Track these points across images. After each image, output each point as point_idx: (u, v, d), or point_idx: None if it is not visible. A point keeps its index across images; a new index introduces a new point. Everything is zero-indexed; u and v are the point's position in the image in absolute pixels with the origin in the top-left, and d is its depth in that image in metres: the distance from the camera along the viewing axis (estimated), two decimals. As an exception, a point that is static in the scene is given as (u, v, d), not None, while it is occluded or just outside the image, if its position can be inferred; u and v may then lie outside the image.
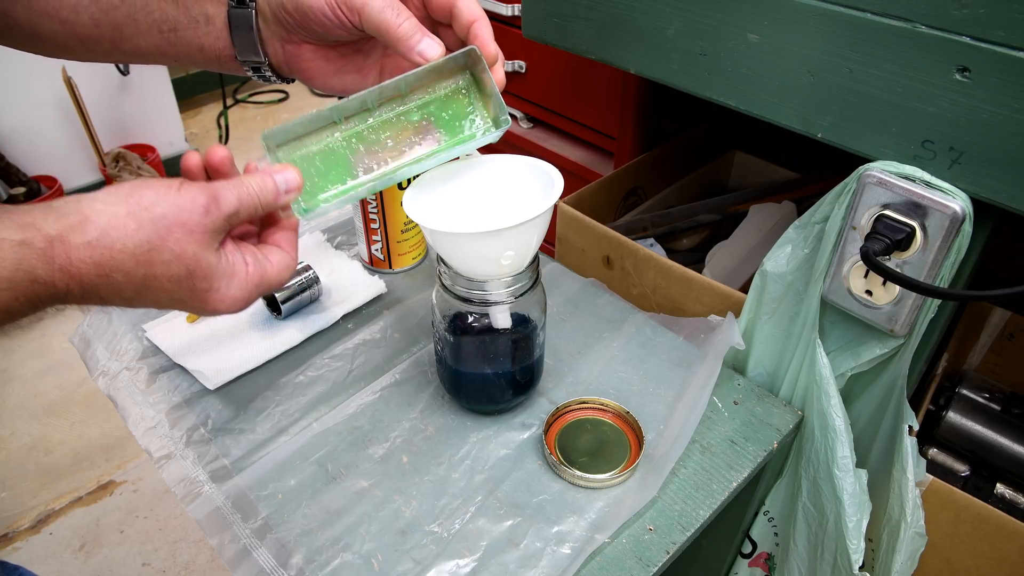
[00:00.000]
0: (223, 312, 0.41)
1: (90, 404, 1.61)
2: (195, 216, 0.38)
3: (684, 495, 0.53)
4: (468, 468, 0.54)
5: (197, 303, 0.40)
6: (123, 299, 0.38)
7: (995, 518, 0.57)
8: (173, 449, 0.57)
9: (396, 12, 0.44)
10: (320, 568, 0.48)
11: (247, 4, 0.47)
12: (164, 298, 0.39)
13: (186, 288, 0.38)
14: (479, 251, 0.47)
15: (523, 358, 0.55)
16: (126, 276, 0.36)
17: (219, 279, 0.39)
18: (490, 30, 0.46)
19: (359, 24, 0.45)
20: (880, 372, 0.58)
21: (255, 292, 0.42)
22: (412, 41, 0.44)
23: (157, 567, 1.30)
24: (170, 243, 0.37)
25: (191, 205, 0.38)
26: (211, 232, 0.38)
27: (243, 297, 0.41)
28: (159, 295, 0.38)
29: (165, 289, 0.38)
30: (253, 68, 0.50)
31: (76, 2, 0.47)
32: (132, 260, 0.36)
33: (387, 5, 0.44)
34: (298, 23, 0.47)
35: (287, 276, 0.44)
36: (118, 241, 0.36)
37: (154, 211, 0.37)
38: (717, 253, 0.92)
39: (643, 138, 0.96)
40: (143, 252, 0.36)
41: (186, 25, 0.48)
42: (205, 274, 0.39)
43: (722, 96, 0.55)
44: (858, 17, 0.45)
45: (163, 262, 0.37)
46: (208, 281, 0.39)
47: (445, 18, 0.47)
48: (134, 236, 0.36)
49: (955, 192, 0.46)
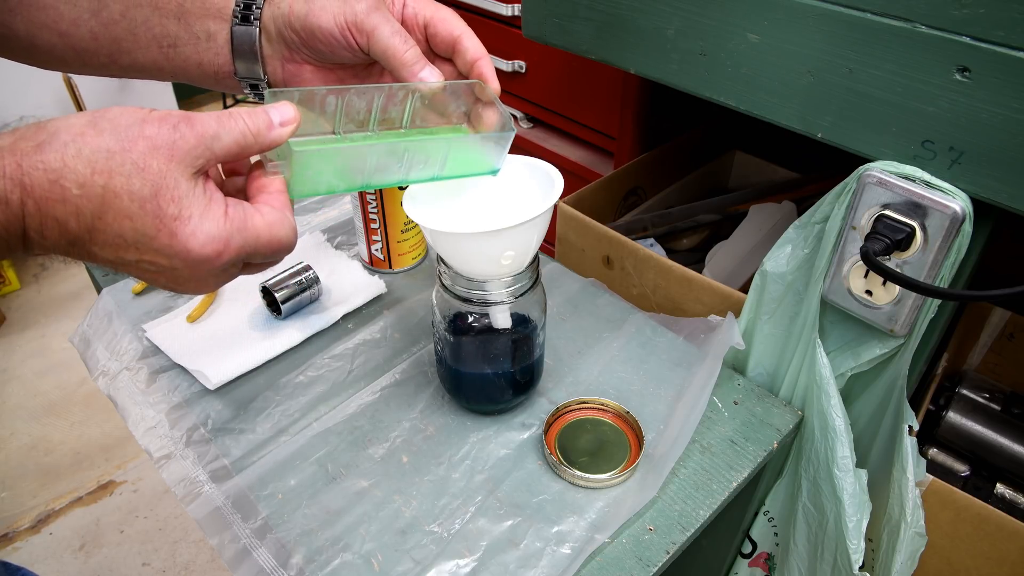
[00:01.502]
0: (196, 255, 0.35)
1: (90, 404, 1.61)
2: (163, 130, 0.34)
3: (684, 495, 0.53)
4: (468, 468, 0.54)
5: (165, 236, 0.34)
6: (83, 226, 0.33)
7: (995, 518, 0.57)
8: (173, 449, 0.57)
9: (403, 39, 0.46)
10: (320, 568, 0.48)
11: (251, 22, 0.47)
12: (128, 228, 0.34)
13: (151, 213, 0.33)
14: (479, 251, 0.47)
15: (523, 358, 0.55)
16: (82, 187, 0.32)
17: (190, 206, 0.35)
18: (493, 68, 0.48)
19: (366, 47, 0.46)
20: (880, 372, 0.58)
21: (237, 237, 0.36)
22: (415, 68, 0.46)
23: (157, 567, 1.30)
24: (133, 154, 0.33)
25: (159, 120, 0.34)
26: (182, 151, 0.34)
27: (221, 237, 0.36)
28: (122, 223, 0.33)
29: (128, 212, 0.33)
30: (251, 86, 0.50)
31: (76, 15, 0.47)
32: (87, 166, 0.32)
33: (396, 32, 0.45)
34: (303, 42, 0.47)
35: (281, 235, 0.38)
36: (71, 144, 0.32)
37: (117, 120, 0.33)
38: (717, 253, 0.92)
39: (643, 138, 0.96)
40: (100, 159, 0.32)
41: (186, 41, 0.48)
42: (174, 196, 0.34)
43: (722, 96, 0.55)
44: (858, 17, 0.45)
45: (123, 173, 0.33)
46: (178, 206, 0.34)
47: (447, 52, 0.49)
48: (91, 141, 0.32)
49: (955, 192, 0.46)
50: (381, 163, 0.44)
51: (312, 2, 0.46)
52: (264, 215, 0.38)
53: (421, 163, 0.46)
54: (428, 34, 0.48)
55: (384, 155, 0.44)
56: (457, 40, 0.48)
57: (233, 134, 0.36)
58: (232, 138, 0.36)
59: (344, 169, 0.43)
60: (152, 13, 0.47)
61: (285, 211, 0.39)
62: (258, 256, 0.38)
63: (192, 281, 0.37)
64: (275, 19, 0.47)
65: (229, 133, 0.36)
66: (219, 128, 0.36)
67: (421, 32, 0.49)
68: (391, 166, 0.45)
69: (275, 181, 0.40)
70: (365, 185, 0.45)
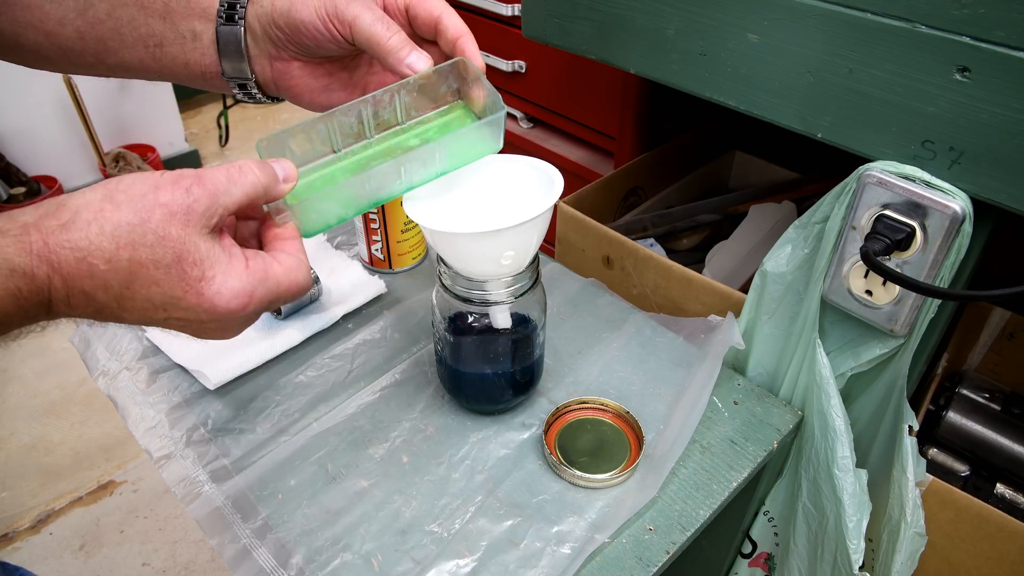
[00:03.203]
0: (223, 310, 0.37)
1: (90, 404, 1.61)
2: (177, 195, 0.35)
3: (684, 495, 0.53)
4: (468, 468, 0.54)
5: (192, 297, 0.36)
6: (111, 296, 0.35)
7: (995, 518, 0.57)
8: (173, 449, 0.57)
9: (386, 26, 0.45)
10: (320, 568, 0.48)
11: (236, 21, 0.47)
12: (156, 294, 0.35)
13: (176, 277, 0.35)
14: (479, 251, 0.47)
15: (523, 358, 0.55)
16: (109, 263, 0.34)
17: (213, 266, 0.36)
18: (475, 45, 0.48)
19: (350, 37, 0.46)
20: (880, 372, 0.58)
21: (260, 289, 0.38)
22: (401, 54, 0.45)
23: (157, 567, 1.30)
24: (152, 224, 0.34)
25: (171, 185, 0.35)
26: (197, 214, 0.35)
27: (245, 291, 0.37)
28: (150, 288, 0.35)
29: (154, 279, 0.35)
30: (239, 85, 0.50)
31: (62, 15, 0.47)
32: (112, 242, 0.33)
33: (377, 19, 0.45)
34: (289, 38, 0.47)
35: (299, 279, 0.40)
36: (94, 222, 0.33)
37: (131, 191, 0.34)
38: (717, 253, 0.92)
39: (643, 138, 0.96)
40: (123, 233, 0.34)
41: (172, 41, 0.48)
42: (195, 259, 0.35)
43: (722, 96, 0.55)
44: (858, 17, 0.45)
45: (146, 244, 0.34)
46: (200, 268, 0.36)
47: (430, 34, 0.49)
48: (111, 217, 0.33)
49: (955, 192, 0.46)
50: (381, 182, 0.45)
51: None
52: (282, 262, 0.40)
53: (420, 168, 0.46)
54: (410, 17, 0.48)
55: (381, 176, 0.45)
56: (438, 20, 0.47)
57: (244, 187, 0.38)
58: (243, 191, 0.38)
59: (347, 200, 0.44)
60: (138, 13, 0.47)
61: (300, 255, 0.41)
62: (279, 301, 0.40)
63: (219, 331, 0.39)
64: (259, 17, 0.47)
65: (240, 187, 0.37)
66: (229, 184, 0.37)
67: (403, 17, 0.48)
68: (391, 181, 0.46)
69: (287, 228, 0.42)
70: (373, 204, 0.46)
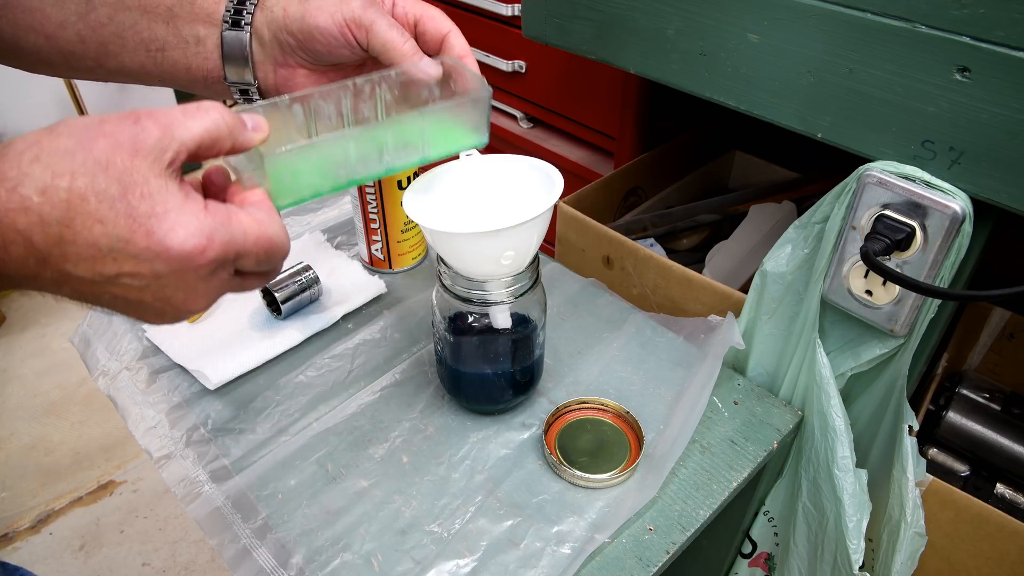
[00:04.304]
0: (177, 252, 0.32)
1: (90, 404, 1.61)
2: (124, 125, 0.32)
3: (684, 495, 0.53)
4: (468, 468, 0.54)
5: (141, 237, 0.31)
6: (51, 239, 0.30)
7: (995, 518, 0.57)
8: (173, 449, 0.57)
9: (400, 32, 0.47)
10: (320, 568, 0.48)
11: (242, 27, 0.47)
12: (100, 235, 0.31)
13: (123, 212, 0.31)
14: (479, 251, 0.47)
15: (523, 358, 0.55)
16: (43, 194, 0.30)
17: (165, 201, 0.32)
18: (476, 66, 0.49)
19: (365, 43, 0.47)
20: (880, 372, 0.58)
21: (221, 231, 0.34)
22: (415, 58, 0.47)
23: (157, 567, 1.31)
24: (95, 152, 0.31)
25: (119, 117, 0.32)
26: (147, 145, 0.32)
27: (203, 231, 0.33)
28: (92, 228, 0.31)
29: (98, 216, 0.31)
30: (241, 91, 0.50)
31: (63, 18, 0.47)
32: (46, 170, 0.30)
33: (392, 25, 0.47)
34: (300, 44, 0.47)
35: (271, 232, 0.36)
36: (27, 151, 0.30)
37: (74, 123, 0.32)
38: (717, 253, 0.92)
39: (643, 138, 0.96)
40: (59, 160, 0.30)
41: (175, 45, 0.48)
42: (144, 192, 0.31)
43: (722, 96, 0.55)
44: (858, 17, 0.45)
45: (87, 173, 0.30)
46: (150, 202, 0.31)
47: (435, 50, 0.50)
48: (47, 145, 0.30)
49: (955, 192, 0.46)
50: (360, 153, 0.42)
51: (307, 3, 0.46)
52: (250, 212, 0.36)
53: (402, 146, 0.45)
54: (417, 32, 0.49)
55: (360, 143, 0.42)
56: (446, 37, 0.49)
57: (204, 123, 0.33)
58: (203, 126, 0.33)
59: (323, 166, 0.41)
60: (140, 17, 0.47)
61: (272, 212, 0.37)
62: (249, 257, 0.36)
63: (180, 291, 0.34)
64: (268, 23, 0.47)
65: (200, 123, 0.33)
66: (186, 117, 0.33)
67: (411, 30, 0.49)
68: (371, 155, 0.43)
69: (256, 192, 0.38)
70: (351, 181, 0.43)
